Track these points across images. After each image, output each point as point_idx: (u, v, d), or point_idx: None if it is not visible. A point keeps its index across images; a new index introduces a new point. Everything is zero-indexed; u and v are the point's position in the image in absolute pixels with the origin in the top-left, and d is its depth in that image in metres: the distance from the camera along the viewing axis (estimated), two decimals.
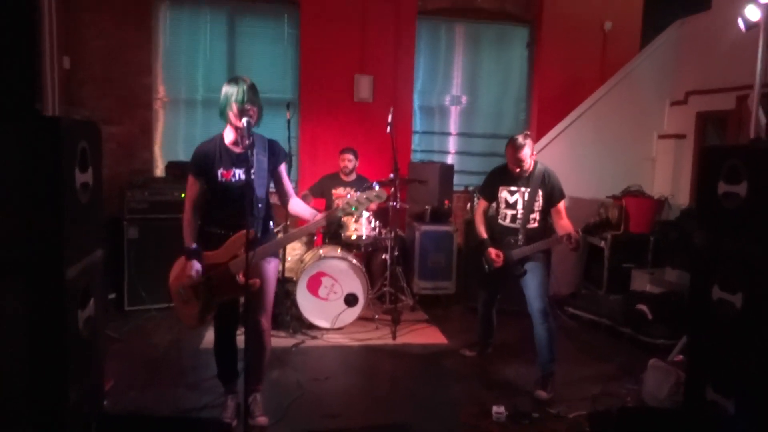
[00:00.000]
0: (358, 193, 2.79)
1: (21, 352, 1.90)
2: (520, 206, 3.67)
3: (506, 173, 3.72)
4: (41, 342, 1.92)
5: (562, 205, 3.64)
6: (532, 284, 3.61)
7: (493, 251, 3.68)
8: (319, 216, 2.82)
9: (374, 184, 5.09)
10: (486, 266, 3.77)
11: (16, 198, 1.85)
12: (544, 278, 3.64)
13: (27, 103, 1.98)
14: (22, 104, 1.96)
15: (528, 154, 3.59)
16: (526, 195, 3.64)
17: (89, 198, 2.13)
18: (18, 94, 1.97)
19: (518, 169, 3.62)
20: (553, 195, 3.63)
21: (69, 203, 1.96)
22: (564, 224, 3.57)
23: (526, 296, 3.64)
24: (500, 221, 3.77)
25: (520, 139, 3.59)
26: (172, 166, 5.34)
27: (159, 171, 5.83)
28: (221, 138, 2.89)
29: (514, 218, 3.70)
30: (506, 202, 3.73)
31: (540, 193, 3.63)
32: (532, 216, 3.65)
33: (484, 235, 3.80)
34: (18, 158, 1.84)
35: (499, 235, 3.75)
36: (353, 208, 2.75)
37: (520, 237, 3.65)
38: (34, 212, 1.86)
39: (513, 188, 3.70)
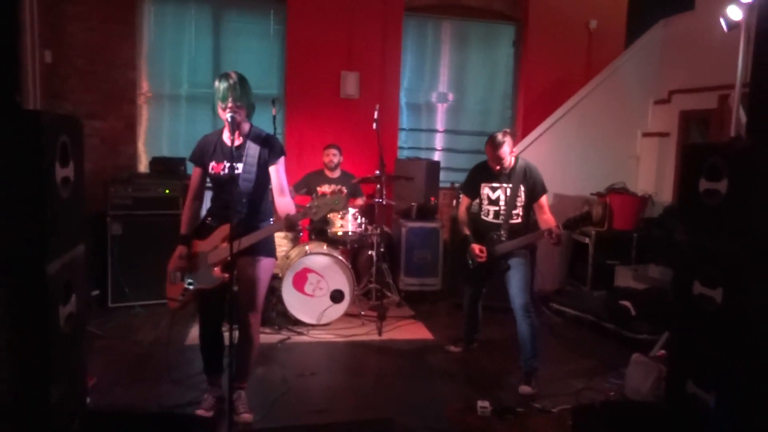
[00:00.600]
0: (320, 199, 2.78)
1: (0, 349, 1.88)
2: (502, 202, 3.69)
3: (488, 169, 3.74)
4: (22, 338, 1.89)
5: (544, 199, 3.67)
6: (514, 280, 3.63)
7: (476, 247, 3.70)
8: (280, 220, 2.83)
9: (344, 187, 5.09)
10: (470, 262, 3.78)
11: None
12: (527, 274, 3.66)
13: (6, 96, 1.95)
14: (1, 97, 1.93)
15: (507, 151, 3.61)
16: (508, 191, 3.67)
17: (70, 193, 2.10)
18: None
19: (498, 167, 3.64)
20: (534, 190, 3.66)
21: (49, 198, 1.93)
22: (547, 218, 3.60)
23: (508, 292, 3.66)
24: (483, 217, 3.79)
25: (499, 137, 3.61)
26: (156, 162, 5.29)
27: (143, 167, 5.77)
28: (221, 132, 2.96)
29: (497, 214, 3.72)
30: (488, 198, 3.75)
31: (522, 188, 3.66)
32: (514, 211, 3.68)
33: (467, 231, 3.82)
34: None
35: (483, 230, 3.77)
36: (313, 212, 2.75)
37: (503, 232, 3.67)
38: (13, 207, 1.84)
39: (495, 184, 3.72)
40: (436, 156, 6.57)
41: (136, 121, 5.72)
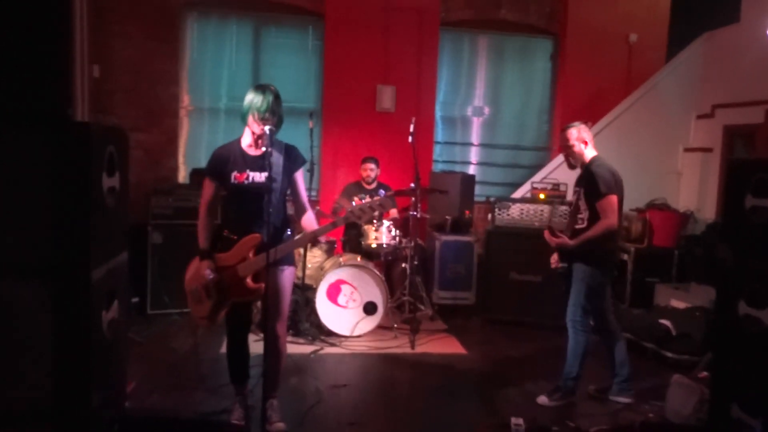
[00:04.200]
0: (357, 204, 2.81)
1: (46, 352, 1.94)
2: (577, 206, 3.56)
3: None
4: (66, 342, 1.95)
5: (600, 205, 3.35)
6: (571, 292, 3.51)
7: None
8: (302, 235, 2.87)
9: (380, 191, 5.13)
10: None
11: (46, 200, 1.90)
12: (578, 287, 3.45)
13: (59, 108, 2.03)
14: (54, 109, 2.01)
15: (574, 135, 3.44)
16: (578, 193, 3.53)
17: (115, 202, 2.17)
18: (50, 99, 2.02)
19: (569, 158, 3.51)
20: (587, 192, 3.44)
21: (96, 206, 2.00)
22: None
23: None
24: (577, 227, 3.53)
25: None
26: (195, 173, 5.43)
27: (183, 178, 5.92)
28: (238, 141, 2.95)
29: (582, 220, 3.50)
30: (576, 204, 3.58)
31: (581, 190, 3.49)
32: (579, 215, 3.50)
33: None
34: (48, 161, 1.89)
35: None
36: (356, 215, 2.78)
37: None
38: (62, 214, 1.91)
39: (576, 188, 3.59)
40: (471, 170, 6.54)
41: (177, 134, 5.89)
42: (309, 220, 2.97)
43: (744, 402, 2.55)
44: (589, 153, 3.51)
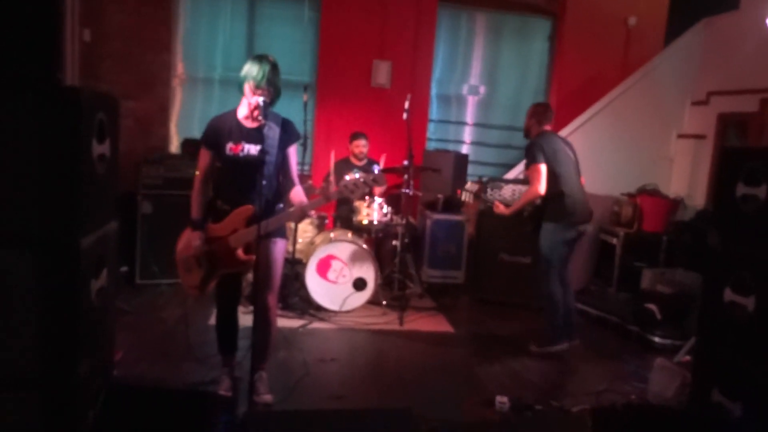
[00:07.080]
0: (356, 179, 2.78)
1: (34, 320, 1.93)
2: None
3: None
4: (54, 310, 1.94)
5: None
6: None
7: None
8: (294, 208, 2.82)
9: (374, 166, 5.11)
10: None
11: (34, 166, 1.86)
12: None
13: (48, 73, 1.99)
14: (43, 74, 1.97)
15: None
16: None
17: (105, 169, 2.15)
18: (40, 63, 1.98)
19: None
20: None
21: (86, 173, 1.97)
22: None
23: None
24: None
25: None
26: (187, 143, 5.36)
27: (174, 148, 5.85)
28: (234, 112, 2.91)
29: None
30: None
31: None
32: None
33: None
34: (37, 127, 1.85)
35: None
36: (350, 190, 2.77)
37: None
38: (51, 181, 1.88)
39: None
40: (465, 149, 6.52)
41: (169, 102, 5.79)
42: (298, 194, 2.93)
43: (725, 386, 2.61)
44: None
